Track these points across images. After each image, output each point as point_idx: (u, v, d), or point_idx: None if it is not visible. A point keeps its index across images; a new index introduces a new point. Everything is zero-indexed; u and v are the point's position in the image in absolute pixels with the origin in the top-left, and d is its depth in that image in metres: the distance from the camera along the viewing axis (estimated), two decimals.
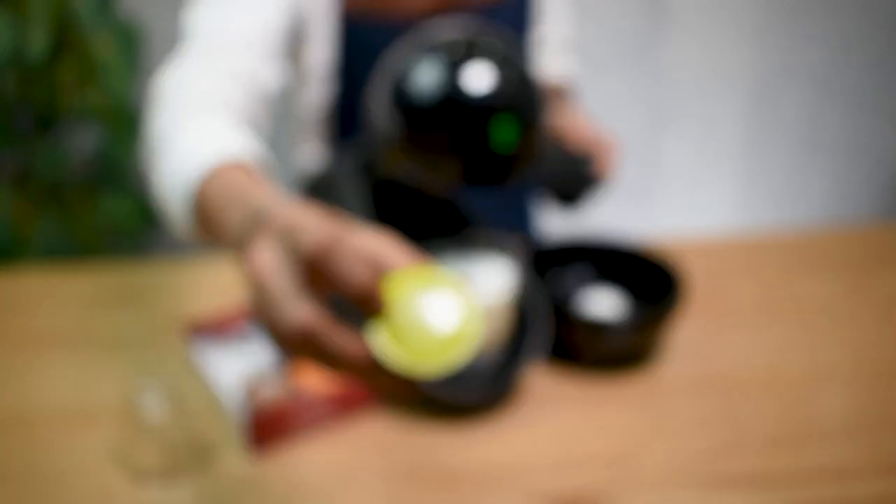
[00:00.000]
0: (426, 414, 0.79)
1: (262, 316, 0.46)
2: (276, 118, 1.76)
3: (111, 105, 1.40)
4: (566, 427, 0.78)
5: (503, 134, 0.67)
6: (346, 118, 1.10)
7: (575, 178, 0.92)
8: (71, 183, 1.50)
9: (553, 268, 0.95)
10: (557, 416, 0.80)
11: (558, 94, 1.20)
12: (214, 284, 1.03)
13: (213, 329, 0.87)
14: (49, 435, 0.77)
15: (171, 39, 1.79)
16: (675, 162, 2.22)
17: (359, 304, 0.44)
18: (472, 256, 0.82)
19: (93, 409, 0.80)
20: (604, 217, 1.45)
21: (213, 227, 0.57)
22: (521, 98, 0.67)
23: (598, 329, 0.81)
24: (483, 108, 0.66)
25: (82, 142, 1.63)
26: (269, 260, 0.45)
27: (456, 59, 0.67)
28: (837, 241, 1.16)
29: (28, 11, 1.27)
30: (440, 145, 0.67)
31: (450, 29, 0.70)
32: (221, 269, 1.06)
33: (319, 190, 0.92)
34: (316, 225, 0.44)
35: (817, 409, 0.81)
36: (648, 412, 0.80)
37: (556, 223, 1.29)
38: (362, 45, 1.03)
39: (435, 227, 0.93)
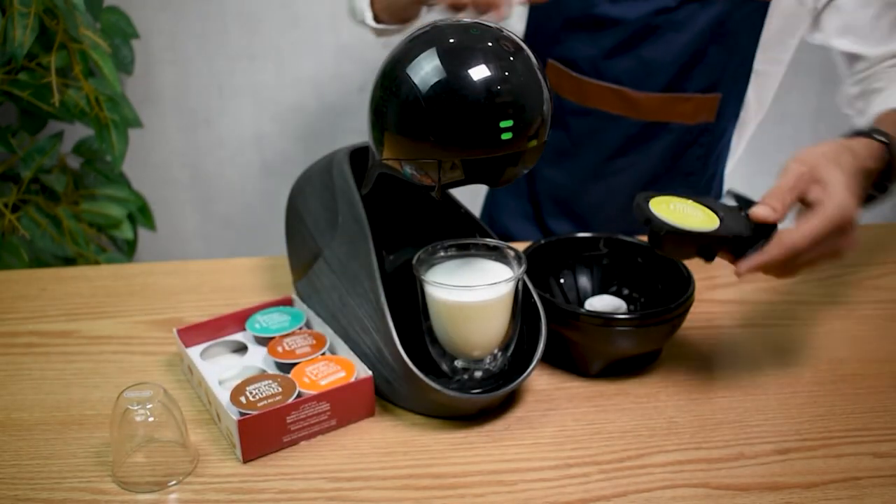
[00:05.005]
0: (425, 418, 0.78)
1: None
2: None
3: (101, 101, 1.38)
4: (568, 431, 0.77)
5: (504, 128, 0.66)
6: None
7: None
8: (60, 181, 1.49)
9: (556, 268, 0.93)
10: (560, 419, 0.78)
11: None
12: (207, 287, 1.03)
13: (206, 332, 0.86)
14: (39, 438, 0.76)
15: (162, 33, 1.77)
16: None
17: None
18: (471, 256, 0.81)
19: (83, 412, 0.79)
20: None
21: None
22: (523, 91, 0.66)
23: (602, 330, 0.79)
24: (483, 101, 0.65)
25: (71, 139, 1.62)
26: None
27: (456, 51, 0.66)
28: None
29: (10, 4, 1.25)
30: (439, 140, 0.66)
31: (449, 23, 0.70)
32: (214, 272, 1.06)
33: (314, 179, 0.90)
34: None
35: (827, 412, 0.79)
36: (653, 416, 0.79)
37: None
38: None
39: (434, 227, 0.92)
